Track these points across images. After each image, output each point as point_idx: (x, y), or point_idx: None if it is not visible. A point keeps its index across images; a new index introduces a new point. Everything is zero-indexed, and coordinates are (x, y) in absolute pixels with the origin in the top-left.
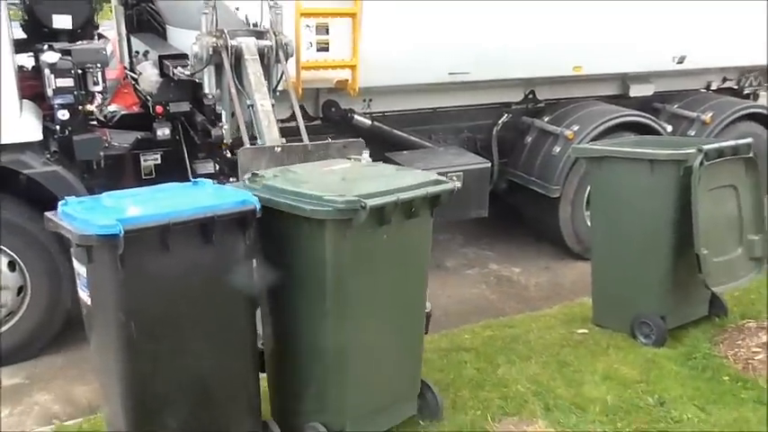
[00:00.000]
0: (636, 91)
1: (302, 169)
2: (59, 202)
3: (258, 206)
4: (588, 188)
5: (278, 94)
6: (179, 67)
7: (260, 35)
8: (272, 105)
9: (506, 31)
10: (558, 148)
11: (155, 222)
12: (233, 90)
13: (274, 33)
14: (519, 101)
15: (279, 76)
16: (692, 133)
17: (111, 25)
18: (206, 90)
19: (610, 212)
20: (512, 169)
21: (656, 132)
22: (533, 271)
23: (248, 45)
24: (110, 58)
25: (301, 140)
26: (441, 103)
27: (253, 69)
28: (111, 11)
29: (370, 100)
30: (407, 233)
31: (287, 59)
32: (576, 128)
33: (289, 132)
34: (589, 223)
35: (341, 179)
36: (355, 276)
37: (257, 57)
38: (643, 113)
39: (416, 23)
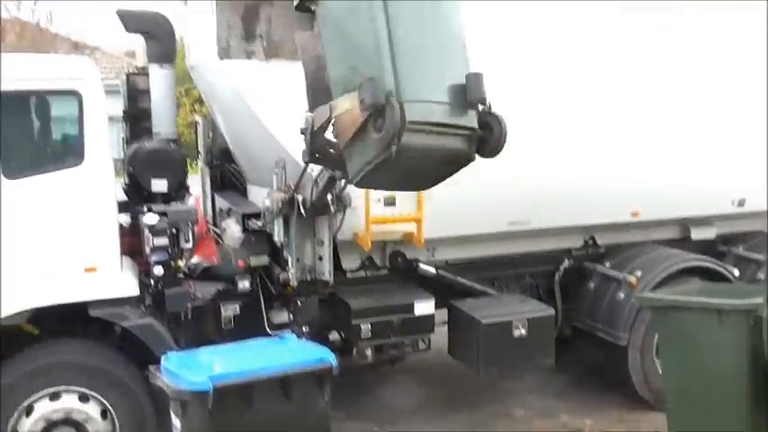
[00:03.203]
0: (697, 234)
1: None
2: (162, 356)
3: (335, 364)
4: (657, 335)
5: (336, 241)
6: (252, 219)
7: None
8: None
9: (563, 179)
10: (622, 294)
11: (240, 380)
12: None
13: None
14: (579, 246)
15: (339, 224)
16: (761, 276)
17: (194, 181)
18: (275, 238)
19: (681, 364)
20: (576, 315)
21: (722, 276)
22: (606, 423)
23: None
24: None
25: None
26: (502, 250)
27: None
28: (195, 168)
29: (434, 249)
30: None
31: (344, 210)
32: (639, 273)
33: (356, 281)
34: (660, 372)
35: None
36: None
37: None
38: (708, 258)
39: (476, 176)
